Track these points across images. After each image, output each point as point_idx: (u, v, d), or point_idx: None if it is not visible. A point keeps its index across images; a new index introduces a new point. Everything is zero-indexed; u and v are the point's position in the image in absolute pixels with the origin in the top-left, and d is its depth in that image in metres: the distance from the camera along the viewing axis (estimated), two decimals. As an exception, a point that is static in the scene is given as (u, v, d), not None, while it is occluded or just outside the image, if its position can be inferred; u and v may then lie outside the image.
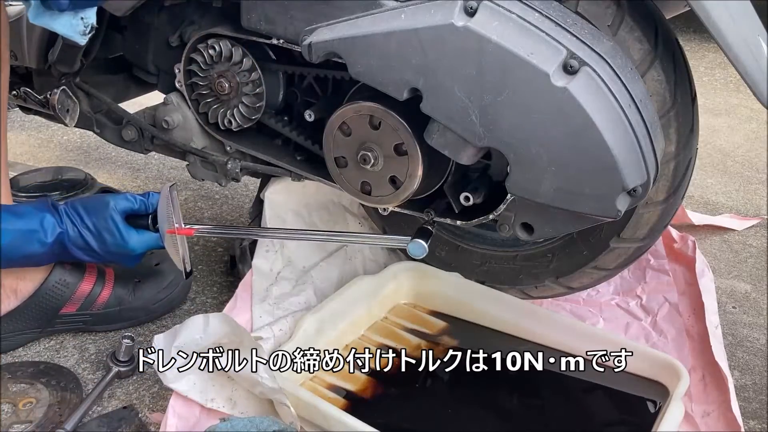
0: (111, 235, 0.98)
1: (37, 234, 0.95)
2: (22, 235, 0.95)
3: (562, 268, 1.06)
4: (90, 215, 0.98)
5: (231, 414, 0.90)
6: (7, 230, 0.93)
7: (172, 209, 0.96)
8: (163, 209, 0.98)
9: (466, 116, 0.80)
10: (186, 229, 0.96)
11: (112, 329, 1.11)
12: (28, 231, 0.95)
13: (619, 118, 0.77)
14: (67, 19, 0.82)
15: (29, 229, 0.95)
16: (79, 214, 0.98)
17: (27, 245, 0.95)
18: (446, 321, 1.09)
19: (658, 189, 0.93)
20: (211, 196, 1.61)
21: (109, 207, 0.99)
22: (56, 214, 0.97)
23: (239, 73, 1.04)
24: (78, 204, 0.99)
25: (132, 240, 1.00)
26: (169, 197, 0.96)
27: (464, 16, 0.78)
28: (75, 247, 0.98)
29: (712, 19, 0.74)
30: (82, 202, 1.00)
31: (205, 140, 1.14)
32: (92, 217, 0.98)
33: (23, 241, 0.95)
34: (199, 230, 0.98)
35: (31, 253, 0.96)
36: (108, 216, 0.98)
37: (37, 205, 0.98)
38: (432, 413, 0.93)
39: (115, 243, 0.99)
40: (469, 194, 0.95)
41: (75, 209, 0.98)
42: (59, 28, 0.83)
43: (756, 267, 1.40)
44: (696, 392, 0.99)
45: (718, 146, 2.06)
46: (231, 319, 0.90)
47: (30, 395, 0.96)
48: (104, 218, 0.98)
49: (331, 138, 0.97)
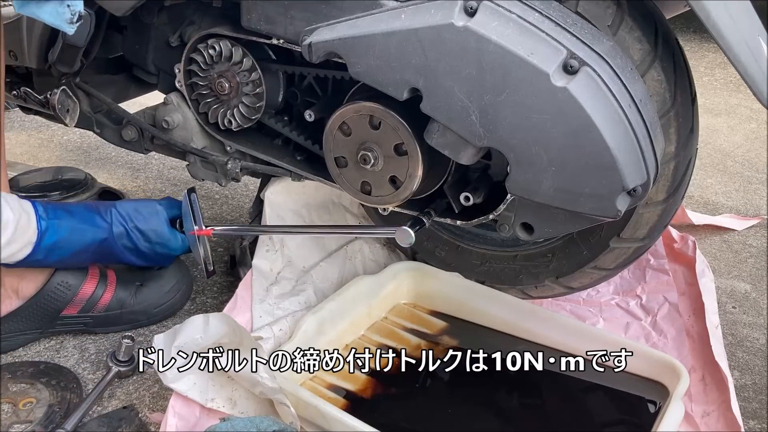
0: (159, 237, 1.07)
1: (88, 232, 1.02)
2: (75, 232, 1.01)
3: (562, 268, 1.06)
4: (141, 217, 1.05)
5: (231, 414, 0.90)
6: (63, 225, 0.99)
7: (191, 212, 1.05)
8: (186, 212, 1.06)
9: (466, 116, 0.80)
10: (205, 231, 1.05)
11: (112, 331, 1.11)
12: (81, 228, 1.01)
13: (619, 118, 0.77)
14: (53, 7, 0.81)
15: (81, 227, 1.01)
16: (131, 216, 1.05)
17: (79, 241, 1.01)
18: (446, 321, 1.09)
19: (658, 189, 0.93)
20: (211, 196, 1.61)
21: (159, 211, 1.07)
22: (106, 214, 1.04)
23: (239, 73, 1.04)
24: (128, 205, 1.06)
25: (177, 242, 1.08)
26: (188, 201, 1.06)
27: (464, 16, 0.78)
28: (122, 247, 1.05)
29: (712, 19, 0.74)
30: (134, 204, 1.08)
31: (205, 140, 1.14)
32: (143, 220, 1.05)
33: (77, 236, 1.01)
34: (217, 230, 1.07)
35: (80, 250, 1.02)
36: (159, 220, 1.06)
37: (87, 206, 1.05)
38: (432, 413, 0.93)
39: (162, 244, 1.07)
40: (469, 194, 0.95)
41: (125, 211, 1.05)
42: (45, 17, 0.82)
43: (756, 267, 1.40)
44: (696, 392, 0.99)
45: (718, 146, 2.06)
46: (231, 319, 0.90)
47: (30, 395, 0.96)
48: (155, 221, 1.06)
49: (331, 138, 0.97)
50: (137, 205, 1.07)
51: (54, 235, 0.98)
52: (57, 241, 0.99)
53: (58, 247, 0.99)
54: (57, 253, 1.00)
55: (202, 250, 1.06)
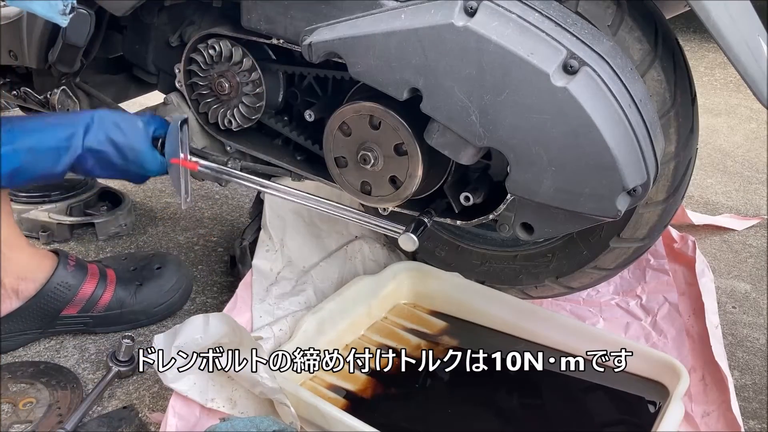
0: (136, 157, 0.99)
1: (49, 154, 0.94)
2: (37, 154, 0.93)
3: (562, 268, 1.06)
4: (120, 132, 0.97)
5: (231, 414, 0.90)
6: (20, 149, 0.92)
7: (180, 141, 0.98)
8: (172, 138, 0.99)
9: (466, 116, 0.80)
10: (191, 163, 0.99)
11: (112, 331, 1.11)
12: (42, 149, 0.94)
13: (619, 118, 0.77)
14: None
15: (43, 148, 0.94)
16: (109, 130, 0.97)
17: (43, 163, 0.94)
18: (446, 321, 1.09)
19: (658, 189, 0.93)
20: (211, 196, 1.61)
21: (140, 129, 0.99)
22: (79, 125, 0.96)
23: (239, 73, 1.04)
24: (108, 118, 0.98)
25: (155, 164, 1.01)
26: (178, 129, 0.98)
27: (464, 16, 0.78)
28: (94, 161, 0.97)
29: (712, 19, 0.74)
30: (114, 117, 0.99)
31: (205, 140, 1.14)
32: (122, 135, 0.97)
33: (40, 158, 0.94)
34: (204, 168, 1.01)
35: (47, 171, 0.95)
36: (140, 138, 0.99)
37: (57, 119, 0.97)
38: (432, 413, 0.93)
39: (138, 164, 1.00)
40: (469, 194, 0.95)
41: (104, 123, 0.97)
42: (37, 9, 0.81)
43: (756, 267, 1.40)
44: (696, 392, 0.99)
45: (718, 146, 2.06)
46: (231, 319, 0.90)
47: (30, 395, 0.96)
48: (135, 139, 0.98)
49: (331, 138, 0.97)
50: (117, 119, 0.99)
51: (9, 165, 0.91)
52: (16, 169, 0.92)
53: (20, 172, 0.93)
54: (21, 178, 0.94)
55: (183, 182, 1.00)
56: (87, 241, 1.39)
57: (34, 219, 1.36)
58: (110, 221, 1.40)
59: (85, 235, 1.41)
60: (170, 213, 1.52)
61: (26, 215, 1.35)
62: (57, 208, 1.37)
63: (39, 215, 1.36)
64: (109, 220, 1.40)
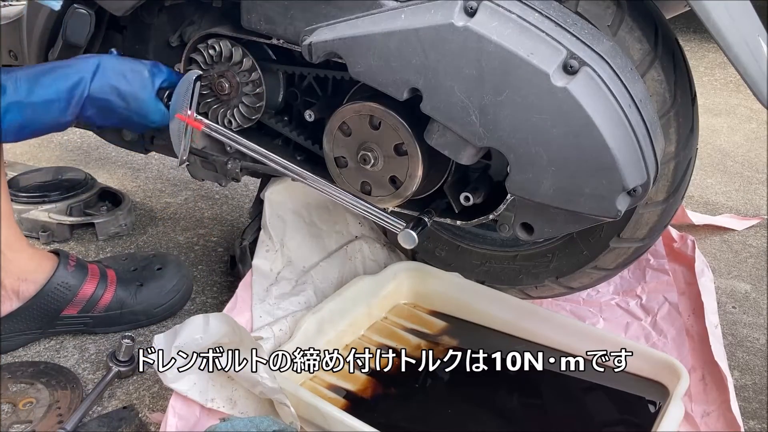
0: (140, 107, 0.97)
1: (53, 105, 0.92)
2: (40, 108, 0.91)
3: (562, 268, 1.06)
4: (125, 81, 0.96)
5: (231, 414, 0.90)
6: (25, 105, 0.90)
7: (189, 97, 0.96)
8: (181, 93, 0.97)
9: (466, 116, 0.80)
10: (196, 122, 0.97)
11: (112, 331, 1.11)
12: (45, 104, 0.92)
13: (619, 119, 0.77)
14: None
15: (46, 102, 0.92)
16: (113, 80, 0.95)
17: (44, 118, 0.93)
18: (446, 321, 1.09)
19: (658, 189, 0.93)
20: (211, 196, 1.61)
21: (146, 79, 0.97)
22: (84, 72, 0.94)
23: (239, 73, 1.04)
24: (113, 66, 0.96)
25: (158, 115, 0.99)
26: (191, 84, 0.96)
27: (464, 16, 0.78)
28: (96, 110, 0.95)
29: (712, 19, 0.74)
30: (119, 66, 0.97)
31: (205, 140, 1.14)
32: (127, 83, 0.96)
33: (42, 112, 0.92)
34: (209, 127, 0.99)
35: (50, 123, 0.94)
36: (145, 88, 0.97)
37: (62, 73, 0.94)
38: (432, 413, 0.93)
39: (142, 114, 0.98)
40: (469, 194, 0.95)
41: (109, 72, 0.95)
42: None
43: (756, 267, 1.40)
44: (696, 392, 0.99)
45: (718, 146, 2.06)
46: (231, 319, 0.90)
47: (30, 395, 0.96)
48: (140, 88, 0.97)
49: (331, 138, 0.97)
50: (123, 66, 0.96)
51: (15, 118, 0.90)
52: (23, 123, 0.91)
53: (27, 125, 0.91)
54: (28, 130, 0.92)
55: (183, 140, 0.99)
56: (87, 241, 1.39)
57: (34, 219, 1.36)
58: (110, 221, 1.40)
59: (85, 235, 1.41)
60: (170, 213, 1.52)
61: (26, 215, 1.35)
62: (57, 208, 1.37)
63: (39, 215, 1.36)
64: (109, 220, 1.40)
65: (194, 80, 0.97)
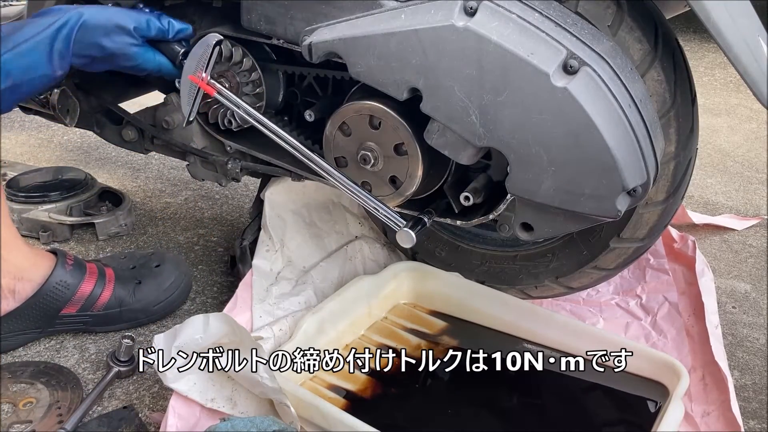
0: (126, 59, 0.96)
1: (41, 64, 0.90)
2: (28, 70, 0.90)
3: (562, 268, 1.06)
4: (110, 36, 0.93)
5: (231, 414, 0.90)
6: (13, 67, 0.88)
7: (206, 60, 0.94)
8: (197, 54, 0.95)
9: (466, 116, 0.80)
10: (209, 87, 0.95)
11: (112, 330, 1.11)
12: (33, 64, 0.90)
13: (619, 119, 0.77)
14: None
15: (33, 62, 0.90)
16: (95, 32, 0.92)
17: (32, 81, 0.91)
18: (446, 321, 1.09)
19: (658, 189, 0.93)
20: (211, 196, 1.61)
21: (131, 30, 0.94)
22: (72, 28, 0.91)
23: (239, 73, 1.04)
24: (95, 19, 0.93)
25: (153, 62, 0.97)
26: (209, 48, 0.94)
27: (464, 16, 0.78)
28: (83, 60, 0.93)
29: (712, 19, 0.74)
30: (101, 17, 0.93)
31: (205, 140, 1.14)
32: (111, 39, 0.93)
33: (31, 74, 0.90)
34: (221, 93, 0.96)
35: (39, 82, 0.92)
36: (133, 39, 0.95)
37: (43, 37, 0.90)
38: (432, 413, 0.93)
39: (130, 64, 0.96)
40: (469, 194, 0.95)
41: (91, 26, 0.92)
42: None
43: (756, 267, 1.40)
44: (696, 392, 0.99)
45: (718, 146, 2.06)
46: (231, 319, 0.90)
47: (30, 395, 0.96)
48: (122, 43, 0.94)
49: (331, 138, 0.97)
50: (108, 25, 0.93)
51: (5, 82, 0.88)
52: (11, 86, 0.89)
53: (18, 87, 0.90)
54: (19, 92, 0.91)
55: (193, 103, 0.96)
56: (87, 241, 1.39)
57: (34, 219, 1.36)
58: (110, 221, 1.40)
59: (85, 235, 1.41)
60: (170, 213, 1.52)
61: (26, 215, 1.35)
62: (57, 208, 1.37)
63: (39, 215, 1.36)
64: (109, 220, 1.40)
65: (213, 44, 0.94)
